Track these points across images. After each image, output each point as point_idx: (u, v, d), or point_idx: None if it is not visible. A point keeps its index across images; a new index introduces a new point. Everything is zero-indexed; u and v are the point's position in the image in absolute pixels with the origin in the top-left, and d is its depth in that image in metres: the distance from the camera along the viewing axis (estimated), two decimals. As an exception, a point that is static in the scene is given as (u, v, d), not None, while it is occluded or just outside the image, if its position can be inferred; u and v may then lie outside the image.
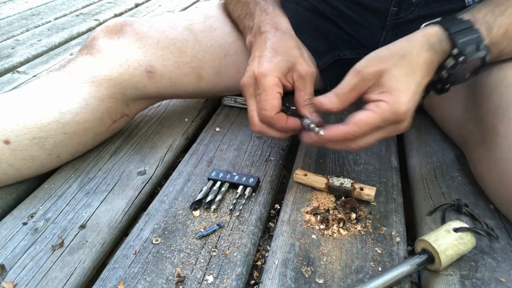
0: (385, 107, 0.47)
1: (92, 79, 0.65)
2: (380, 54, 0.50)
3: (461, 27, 0.50)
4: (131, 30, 0.70)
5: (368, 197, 0.57)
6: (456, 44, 0.49)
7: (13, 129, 0.59)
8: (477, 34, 0.49)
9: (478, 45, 0.49)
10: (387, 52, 0.50)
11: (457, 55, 0.49)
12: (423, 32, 0.51)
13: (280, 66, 0.55)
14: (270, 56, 0.56)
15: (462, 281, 0.45)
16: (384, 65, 0.48)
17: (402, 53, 0.49)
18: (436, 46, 0.50)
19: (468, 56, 0.49)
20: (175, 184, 0.63)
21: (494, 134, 0.52)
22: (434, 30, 0.51)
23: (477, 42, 0.49)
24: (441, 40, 0.50)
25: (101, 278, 0.47)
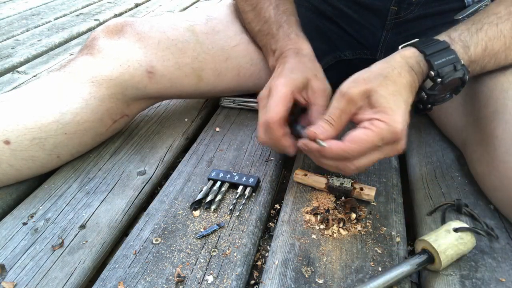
0: (382, 125, 0.46)
1: (92, 79, 0.65)
2: (362, 75, 0.50)
3: (437, 48, 0.50)
4: (131, 30, 0.70)
5: (368, 197, 0.57)
6: (432, 66, 0.49)
7: (13, 129, 0.59)
8: (454, 55, 0.50)
9: (455, 65, 0.49)
10: (369, 74, 0.50)
11: (435, 77, 0.49)
12: (400, 54, 0.51)
13: (294, 81, 0.56)
14: (287, 73, 0.58)
15: (462, 281, 0.45)
16: (369, 85, 0.48)
17: (384, 74, 0.49)
18: (415, 67, 0.50)
19: (445, 77, 0.49)
20: (175, 184, 0.63)
21: (492, 137, 0.53)
22: (410, 52, 0.51)
23: (453, 62, 0.49)
24: (418, 61, 0.50)
25: (101, 278, 0.47)
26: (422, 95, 0.51)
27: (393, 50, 0.77)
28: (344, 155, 0.48)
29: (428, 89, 0.50)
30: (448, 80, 0.49)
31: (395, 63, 0.50)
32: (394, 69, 0.49)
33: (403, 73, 0.49)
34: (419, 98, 0.51)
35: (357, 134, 0.47)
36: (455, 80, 0.50)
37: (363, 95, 0.48)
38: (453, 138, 0.69)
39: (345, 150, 0.47)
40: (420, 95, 0.51)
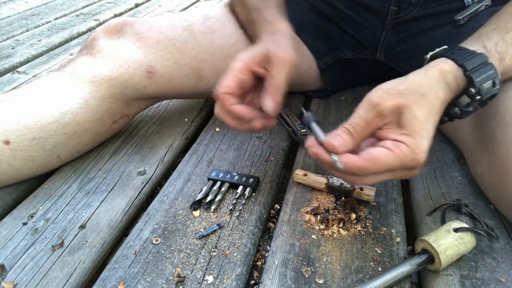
0: (406, 151, 0.42)
1: (92, 79, 0.65)
2: (398, 87, 0.45)
3: (476, 62, 0.46)
4: (131, 30, 0.70)
5: (368, 197, 0.57)
6: (473, 83, 0.45)
7: (13, 129, 0.59)
8: (493, 71, 0.46)
9: (494, 82, 0.46)
10: (405, 87, 0.45)
11: (475, 94, 0.46)
12: (439, 68, 0.47)
13: (251, 54, 0.54)
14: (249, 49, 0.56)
15: (462, 281, 0.45)
16: (404, 100, 0.44)
17: (422, 91, 0.45)
18: (452, 85, 0.46)
19: (485, 95, 0.46)
20: (175, 184, 0.63)
21: (492, 137, 0.53)
22: (449, 66, 0.47)
23: (493, 78, 0.46)
24: (457, 77, 0.46)
25: (101, 278, 0.47)
26: (456, 111, 0.48)
27: (392, 50, 0.78)
28: (357, 172, 0.44)
29: (463, 106, 0.47)
30: (487, 97, 0.46)
31: (433, 79, 0.46)
32: (432, 87, 0.45)
33: (440, 92, 0.45)
34: (450, 113, 0.48)
35: (377, 154, 0.43)
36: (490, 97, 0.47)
37: (395, 111, 0.44)
38: (453, 138, 0.69)
39: (360, 168, 0.43)
40: (452, 111, 0.48)
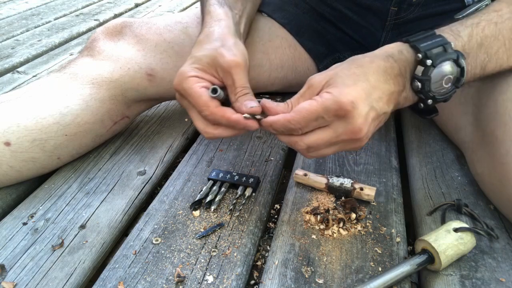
0: (327, 96, 0.43)
1: (92, 80, 0.65)
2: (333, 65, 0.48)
3: (422, 35, 0.48)
4: (130, 32, 0.70)
5: (368, 197, 0.57)
6: (418, 49, 0.46)
7: (14, 130, 0.59)
8: (440, 38, 0.47)
9: (444, 47, 0.46)
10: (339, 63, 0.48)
11: (423, 59, 0.45)
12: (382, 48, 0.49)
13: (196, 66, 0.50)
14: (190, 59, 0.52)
15: (462, 281, 0.45)
16: (332, 71, 0.46)
17: (352, 59, 0.47)
18: (395, 55, 0.47)
19: (436, 58, 0.45)
20: (175, 184, 0.63)
21: (492, 138, 0.53)
22: (393, 44, 0.49)
23: (442, 44, 0.46)
24: (401, 50, 0.48)
25: (101, 278, 0.47)
26: (416, 85, 0.46)
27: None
28: (288, 126, 0.45)
29: (421, 76, 0.46)
30: (440, 61, 0.45)
31: (371, 54, 0.47)
32: (365, 57, 0.47)
33: (375, 60, 0.46)
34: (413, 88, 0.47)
35: (301, 104, 0.44)
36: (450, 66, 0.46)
37: (323, 80, 0.46)
38: (453, 137, 0.69)
39: (288, 119, 0.44)
40: (414, 85, 0.47)
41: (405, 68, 0.47)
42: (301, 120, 0.44)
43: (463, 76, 0.47)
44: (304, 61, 0.81)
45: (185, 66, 0.50)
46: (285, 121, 0.45)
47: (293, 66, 0.80)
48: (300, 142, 0.46)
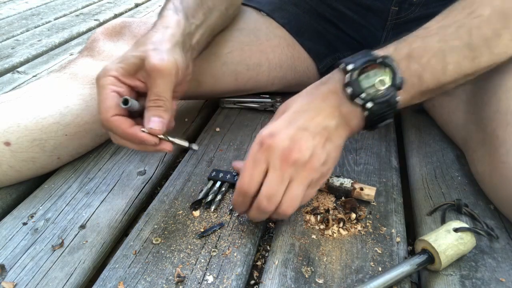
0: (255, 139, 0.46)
1: (92, 80, 0.65)
2: None
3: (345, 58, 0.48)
4: (129, 32, 0.70)
5: (368, 197, 0.57)
6: (339, 63, 0.48)
7: (13, 130, 0.59)
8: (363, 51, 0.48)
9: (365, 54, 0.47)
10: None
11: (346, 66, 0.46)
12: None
13: (121, 65, 0.48)
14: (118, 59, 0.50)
15: (462, 281, 0.45)
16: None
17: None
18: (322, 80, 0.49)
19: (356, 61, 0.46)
20: (175, 184, 0.63)
21: (493, 137, 0.53)
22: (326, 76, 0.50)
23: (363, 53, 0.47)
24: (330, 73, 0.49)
25: (101, 278, 0.47)
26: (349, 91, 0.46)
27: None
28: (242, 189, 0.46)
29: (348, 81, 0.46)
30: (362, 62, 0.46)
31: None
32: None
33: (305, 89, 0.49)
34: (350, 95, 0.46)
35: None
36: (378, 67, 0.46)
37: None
38: (454, 137, 0.69)
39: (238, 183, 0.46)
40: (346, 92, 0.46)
41: (334, 85, 0.47)
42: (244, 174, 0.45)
43: (395, 74, 0.46)
44: (304, 61, 0.81)
45: (111, 63, 0.49)
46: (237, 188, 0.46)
47: (292, 66, 0.80)
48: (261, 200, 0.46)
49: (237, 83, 0.77)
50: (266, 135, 0.45)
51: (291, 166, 0.44)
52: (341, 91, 0.47)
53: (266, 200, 0.45)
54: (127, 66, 0.49)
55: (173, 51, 0.50)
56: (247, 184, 0.45)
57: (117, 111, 0.48)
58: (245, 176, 0.46)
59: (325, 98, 0.47)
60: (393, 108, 0.47)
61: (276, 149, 0.44)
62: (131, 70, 0.49)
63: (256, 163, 0.45)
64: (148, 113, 0.48)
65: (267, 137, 0.45)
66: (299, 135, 0.45)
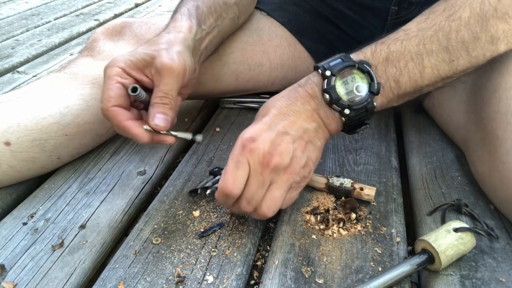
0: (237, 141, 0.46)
1: (93, 80, 0.65)
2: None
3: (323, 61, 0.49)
4: (130, 32, 0.70)
5: (368, 197, 0.57)
6: (317, 67, 0.48)
7: (14, 130, 0.59)
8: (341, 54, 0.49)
9: (342, 58, 0.48)
10: None
11: (323, 72, 0.47)
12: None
13: (129, 58, 0.50)
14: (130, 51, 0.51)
15: (462, 281, 0.45)
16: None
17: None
18: (300, 82, 0.49)
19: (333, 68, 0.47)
20: (175, 184, 0.63)
21: (493, 137, 0.52)
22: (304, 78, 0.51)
23: (340, 57, 0.48)
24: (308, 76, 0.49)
25: (101, 278, 0.47)
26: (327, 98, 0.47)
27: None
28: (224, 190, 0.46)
29: (325, 87, 0.47)
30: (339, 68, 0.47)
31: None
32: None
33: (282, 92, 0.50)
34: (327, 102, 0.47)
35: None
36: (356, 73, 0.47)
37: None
38: (454, 136, 0.69)
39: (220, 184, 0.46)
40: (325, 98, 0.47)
41: (312, 88, 0.48)
42: (227, 176, 0.45)
43: (373, 80, 0.47)
44: (304, 60, 0.81)
45: (121, 55, 0.50)
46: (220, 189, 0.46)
47: (293, 66, 0.81)
48: (241, 201, 0.47)
49: (238, 83, 0.77)
50: (248, 138, 0.45)
51: (271, 171, 0.45)
52: (319, 95, 0.48)
53: (246, 202, 0.46)
54: (136, 60, 0.50)
55: (183, 53, 0.52)
56: (230, 186, 0.45)
57: (118, 102, 0.49)
58: (228, 179, 0.45)
59: (304, 102, 0.48)
60: (370, 113, 0.48)
61: (257, 153, 0.45)
62: (139, 64, 0.50)
63: (238, 165, 0.45)
64: (153, 109, 0.49)
65: (249, 141, 0.45)
66: (280, 138, 0.45)
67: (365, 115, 0.48)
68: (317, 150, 0.49)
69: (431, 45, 0.48)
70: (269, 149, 0.45)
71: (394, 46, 0.49)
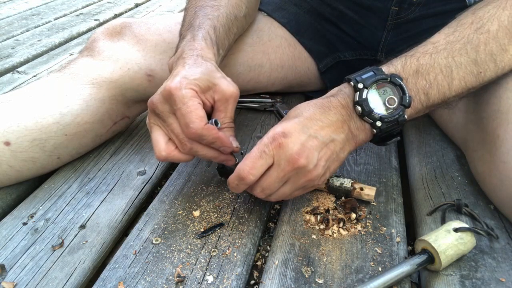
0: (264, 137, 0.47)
1: (92, 80, 0.65)
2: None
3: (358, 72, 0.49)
4: (130, 32, 0.70)
5: (368, 197, 0.57)
6: (349, 79, 0.49)
7: (13, 130, 0.59)
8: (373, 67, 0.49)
9: (374, 72, 0.48)
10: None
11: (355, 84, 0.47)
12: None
13: (196, 82, 0.51)
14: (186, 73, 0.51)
15: (462, 281, 0.45)
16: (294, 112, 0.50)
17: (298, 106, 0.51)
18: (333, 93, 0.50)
19: (366, 80, 0.47)
20: (175, 184, 0.63)
21: (494, 136, 0.52)
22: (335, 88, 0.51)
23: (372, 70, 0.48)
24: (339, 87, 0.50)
25: (101, 278, 0.47)
26: (358, 109, 0.47)
27: (393, 50, 0.78)
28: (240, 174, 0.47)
29: (358, 99, 0.47)
30: (371, 82, 0.47)
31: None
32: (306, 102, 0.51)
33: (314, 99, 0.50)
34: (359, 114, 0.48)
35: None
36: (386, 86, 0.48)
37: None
38: (454, 136, 0.69)
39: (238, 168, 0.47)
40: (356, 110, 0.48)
41: (345, 99, 0.49)
42: (248, 162, 0.46)
43: (405, 93, 0.47)
44: (304, 61, 0.81)
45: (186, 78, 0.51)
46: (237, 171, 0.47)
47: (293, 66, 0.81)
48: (255, 187, 0.49)
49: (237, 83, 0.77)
50: (279, 133, 0.46)
51: (294, 170, 0.47)
52: (351, 107, 0.48)
53: (260, 189, 0.49)
54: (202, 85, 0.51)
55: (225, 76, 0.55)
56: (247, 172, 0.47)
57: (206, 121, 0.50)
58: (248, 164, 0.47)
59: (336, 112, 0.48)
60: (400, 125, 0.49)
61: (285, 150, 0.46)
62: (204, 88, 0.52)
63: (262, 155, 0.46)
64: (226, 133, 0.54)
65: (280, 135, 0.46)
66: (310, 143, 0.46)
67: (395, 127, 0.49)
68: (338, 161, 0.50)
69: (460, 57, 0.49)
70: (298, 150, 0.46)
71: (424, 59, 0.49)
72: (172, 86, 0.49)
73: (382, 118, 0.47)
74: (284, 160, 0.46)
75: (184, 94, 0.49)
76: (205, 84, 0.52)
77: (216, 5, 0.64)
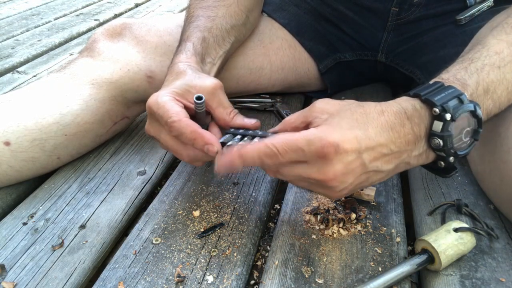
0: (312, 130, 0.41)
1: (92, 81, 0.65)
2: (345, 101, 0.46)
3: (431, 88, 0.43)
4: (130, 33, 0.70)
5: (368, 197, 0.57)
6: (433, 103, 0.41)
7: (13, 130, 0.59)
8: (453, 89, 0.43)
9: (459, 98, 0.42)
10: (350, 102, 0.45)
11: (441, 113, 0.41)
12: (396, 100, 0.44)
13: (172, 89, 0.51)
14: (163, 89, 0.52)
15: (462, 281, 0.45)
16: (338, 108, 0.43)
17: (363, 104, 0.44)
18: (408, 111, 0.42)
19: (454, 112, 0.41)
20: (175, 184, 0.63)
21: (495, 135, 0.52)
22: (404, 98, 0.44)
23: (456, 95, 0.42)
24: (414, 104, 0.43)
25: (101, 278, 0.47)
26: (437, 142, 0.42)
27: (393, 51, 0.78)
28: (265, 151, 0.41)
29: (440, 132, 0.41)
30: (459, 114, 0.41)
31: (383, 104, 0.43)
32: (376, 106, 0.43)
33: (386, 113, 0.42)
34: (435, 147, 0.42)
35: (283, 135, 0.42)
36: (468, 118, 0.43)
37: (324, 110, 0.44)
38: None
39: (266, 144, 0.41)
40: (434, 143, 0.42)
41: (419, 126, 0.42)
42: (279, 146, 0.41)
43: (481, 127, 0.43)
44: (304, 62, 0.81)
45: (161, 91, 0.51)
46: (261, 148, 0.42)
47: (293, 67, 0.81)
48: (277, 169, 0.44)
49: (238, 86, 0.77)
50: (333, 142, 0.39)
51: (320, 182, 0.42)
52: (423, 136, 0.42)
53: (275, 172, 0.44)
54: (179, 90, 0.51)
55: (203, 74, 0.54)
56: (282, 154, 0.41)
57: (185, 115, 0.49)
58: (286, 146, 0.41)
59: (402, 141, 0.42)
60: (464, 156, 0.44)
61: (326, 162, 0.40)
62: (182, 93, 0.51)
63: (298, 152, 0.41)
64: (238, 119, 0.53)
65: (330, 146, 0.39)
66: (354, 166, 0.41)
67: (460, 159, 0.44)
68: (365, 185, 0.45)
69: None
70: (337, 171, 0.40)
71: (493, 74, 0.45)
72: (149, 102, 0.50)
73: (456, 152, 0.42)
74: (317, 169, 0.41)
75: (160, 101, 0.49)
76: (183, 88, 0.51)
77: (212, 15, 0.64)
